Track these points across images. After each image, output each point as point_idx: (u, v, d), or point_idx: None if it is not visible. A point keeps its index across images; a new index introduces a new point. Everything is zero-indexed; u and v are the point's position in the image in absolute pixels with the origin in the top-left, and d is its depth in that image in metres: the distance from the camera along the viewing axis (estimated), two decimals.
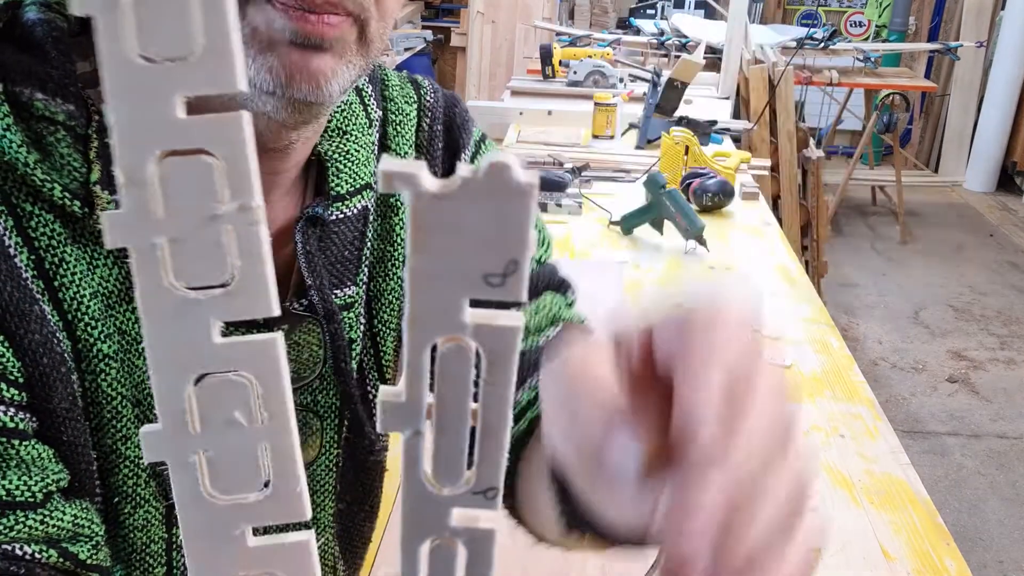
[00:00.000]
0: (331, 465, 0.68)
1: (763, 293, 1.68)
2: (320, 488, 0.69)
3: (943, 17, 6.01)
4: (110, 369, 0.53)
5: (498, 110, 3.08)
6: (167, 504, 0.57)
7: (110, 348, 0.53)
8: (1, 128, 0.48)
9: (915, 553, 0.99)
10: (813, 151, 3.40)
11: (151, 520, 0.58)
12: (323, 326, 0.62)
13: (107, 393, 0.54)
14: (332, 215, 0.61)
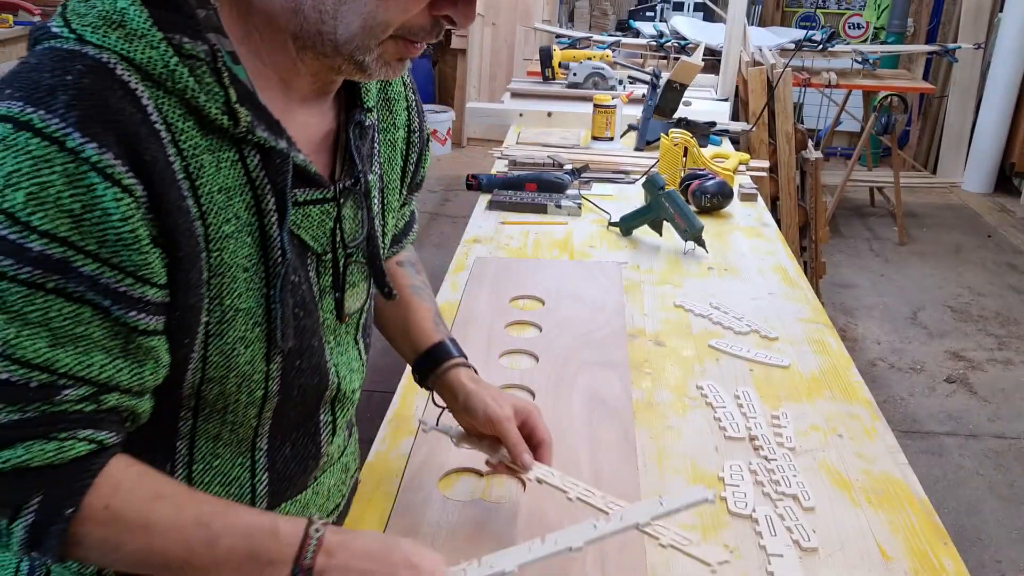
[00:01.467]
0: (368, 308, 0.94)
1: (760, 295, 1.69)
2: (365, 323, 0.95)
3: (941, 19, 6.02)
4: (229, 244, 0.72)
5: (498, 112, 3.09)
6: (267, 344, 0.77)
7: (229, 229, 0.71)
8: (172, 65, 0.66)
9: (913, 553, 1.00)
10: (811, 152, 3.40)
11: (255, 355, 0.77)
12: (363, 201, 0.84)
13: (227, 263, 0.72)
14: (366, 122, 0.85)
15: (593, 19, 6.68)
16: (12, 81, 0.63)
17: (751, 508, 1.06)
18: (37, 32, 0.68)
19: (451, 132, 6.03)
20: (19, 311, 0.62)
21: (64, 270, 0.62)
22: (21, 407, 0.63)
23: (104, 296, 0.64)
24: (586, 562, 0.95)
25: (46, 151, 0.61)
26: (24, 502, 0.65)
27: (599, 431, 1.19)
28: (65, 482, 0.66)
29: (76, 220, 0.62)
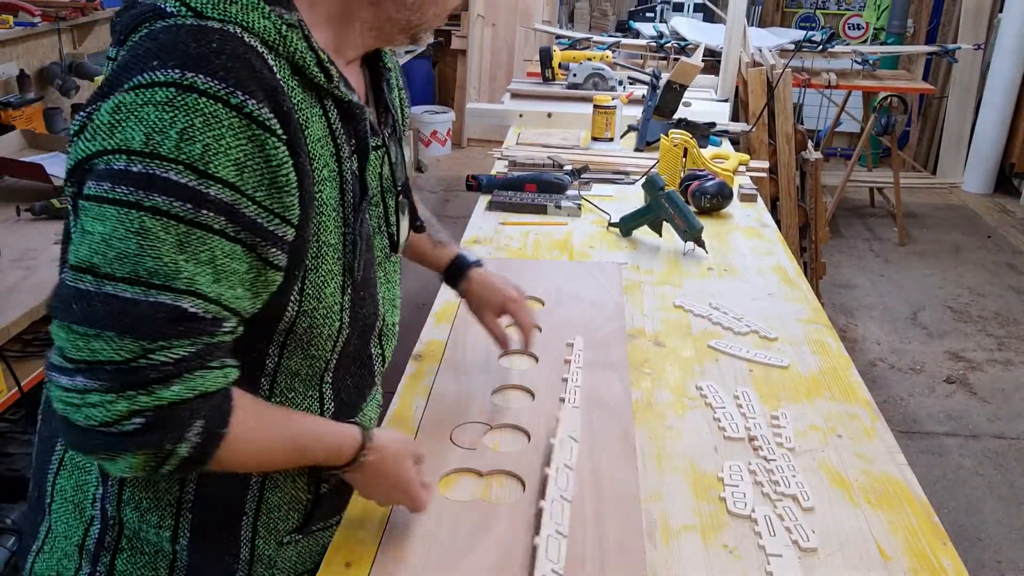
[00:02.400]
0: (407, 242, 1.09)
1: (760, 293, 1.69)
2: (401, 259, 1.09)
3: (941, 19, 6.02)
4: (325, 188, 0.82)
5: (498, 112, 3.09)
6: (343, 276, 0.87)
7: (325, 173, 0.82)
8: (284, 31, 0.77)
9: (912, 552, 1.00)
10: (811, 153, 3.41)
11: (336, 287, 0.87)
12: (400, 145, 0.98)
13: (325, 203, 0.82)
14: (391, 79, 1.00)
15: (593, 20, 6.68)
16: (156, 54, 0.72)
17: (750, 508, 1.06)
18: (148, 12, 0.76)
19: (451, 133, 6.03)
20: (195, 251, 0.71)
21: (230, 212, 0.72)
22: (193, 340, 0.72)
23: (256, 234, 0.75)
24: (586, 562, 0.95)
25: (214, 108, 0.71)
26: (189, 428, 0.72)
27: (599, 431, 1.19)
28: (219, 407, 0.75)
29: (241, 168, 0.72)
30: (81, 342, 0.69)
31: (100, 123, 0.72)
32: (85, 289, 0.69)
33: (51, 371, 0.72)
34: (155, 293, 0.69)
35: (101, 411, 0.69)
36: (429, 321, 1.55)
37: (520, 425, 1.21)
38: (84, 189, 0.72)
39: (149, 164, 0.69)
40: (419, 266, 1.39)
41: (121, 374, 0.69)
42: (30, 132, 2.65)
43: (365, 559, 0.96)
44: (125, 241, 0.69)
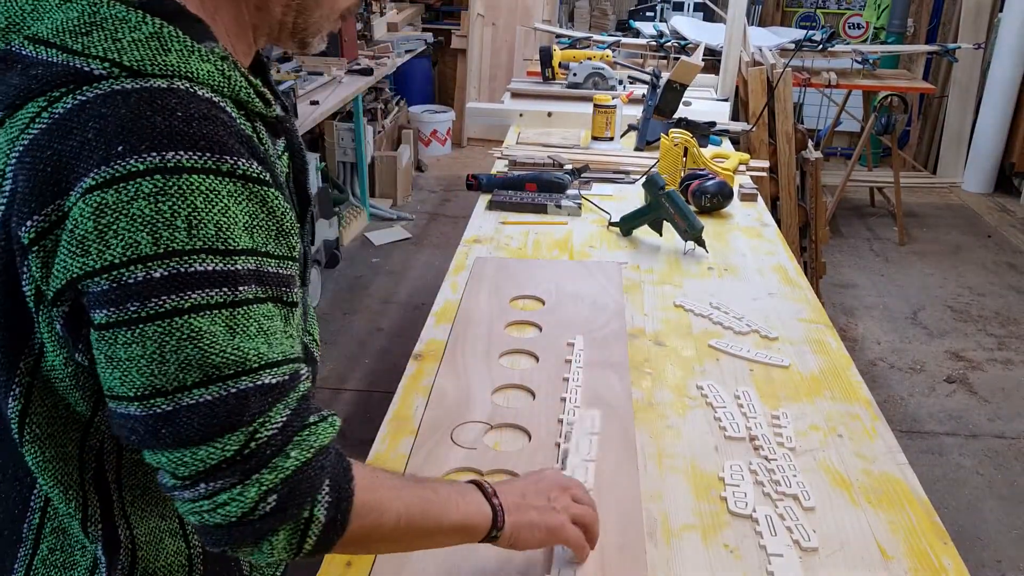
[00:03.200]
0: None
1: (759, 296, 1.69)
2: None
3: (941, 19, 6.02)
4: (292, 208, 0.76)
5: (498, 112, 3.09)
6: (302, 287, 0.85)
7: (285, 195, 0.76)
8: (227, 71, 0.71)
9: (913, 552, 1.00)
10: (811, 152, 3.40)
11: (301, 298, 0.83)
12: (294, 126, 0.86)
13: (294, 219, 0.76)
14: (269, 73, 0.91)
15: (593, 19, 6.68)
16: (116, 136, 0.63)
17: (751, 508, 1.06)
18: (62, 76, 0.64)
19: (451, 132, 6.03)
20: (244, 328, 0.67)
21: (258, 277, 0.69)
22: (285, 403, 0.69)
23: (279, 286, 0.72)
24: (586, 562, 0.95)
25: (209, 182, 0.65)
26: (320, 488, 0.70)
27: (600, 431, 1.19)
28: (339, 460, 0.73)
29: (251, 230, 0.68)
30: (188, 458, 0.66)
31: (85, 232, 0.63)
32: (163, 412, 0.65)
33: (172, 492, 0.69)
34: (234, 383, 0.66)
35: (236, 506, 0.67)
36: (429, 321, 1.54)
37: (520, 425, 1.21)
38: (95, 317, 0.65)
39: (170, 265, 0.64)
40: (416, 267, 1.37)
41: (239, 465, 0.67)
42: None
43: (365, 559, 0.96)
44: (180, 351, 0.64)
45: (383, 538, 0.77)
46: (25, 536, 0.78)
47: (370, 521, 0.74)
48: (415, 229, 4.66)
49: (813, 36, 4.51)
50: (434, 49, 5.94)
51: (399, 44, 5.04)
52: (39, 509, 0.78)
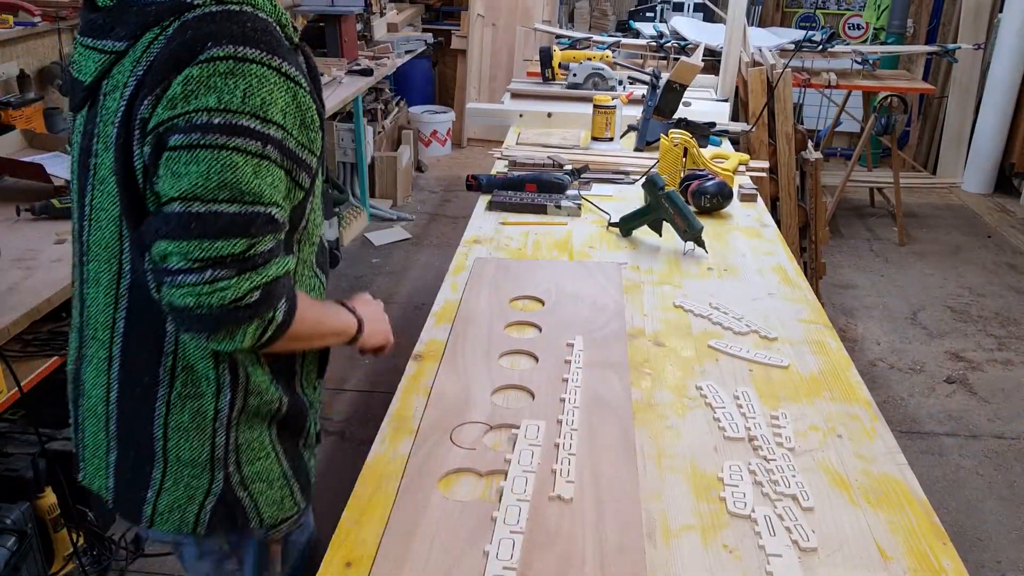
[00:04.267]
0: None
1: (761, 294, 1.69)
2: None
3: (941, 19, 6.02)
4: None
5: (498, 112, 3.09)
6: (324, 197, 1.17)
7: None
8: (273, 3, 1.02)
9: (912, 553, 1.00)
10: (811, 153, 3.41)
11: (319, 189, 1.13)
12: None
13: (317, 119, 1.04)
14: None
15: (593, 20, 6.68)
16: (209, 36, 0.93)
17: (750, 508, 1.06)
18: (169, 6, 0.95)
19: (451, 133, 6.03)
20: (264, 175, 0.95)
21: (281, 147, 0.97)
22: (274, 236, 0.98)
23: (294, 162, 1.00)
24: (586, 562, 0.95)
25: (262, 71, 0.94)
26: (280, 299, 0.98)
27: (599, 431, 1.19)
28: (290, 287, 1.02)
29: (285, 113, 0.97)
30: (206, 245, 0.92)
31: (174, 94, 0.92)
32: (197, 211, 0.92)
33: (174, 275, 0.93)
34: (251, 208, 0.94)
35: (232, 291, 0.93)
36: (429, 321, 1.55)
37: (520, 425, 1.21)
38: (169, 141, 0.92)
39: (226, 116, 0.92)
40: (416, 268, 1.43)
41: (239, 262, 0.94)
42: (30, 132, 2.65)
43: (365, 559, 0.96)
44: (222, 174, 0.92)
45: (298, 337, 1.05)
46: (162, 378, 1.05)
47: (297, 328, 1.02)
48: (415, 229, 4.66)
49: (813, 37, 4.51)
50: (434, 49, 5.94)
51: (399, 44, 5.05)
52: (171, 353, 1.05)
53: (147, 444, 1.07)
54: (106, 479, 1.12)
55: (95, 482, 1.15)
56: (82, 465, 1.17)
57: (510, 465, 1.11)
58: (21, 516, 1.89)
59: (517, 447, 1.15)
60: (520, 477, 1.08)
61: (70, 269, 1.17)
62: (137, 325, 1.04)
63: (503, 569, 0.93)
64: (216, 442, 1.08)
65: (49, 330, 1.93)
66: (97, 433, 1.12)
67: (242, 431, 1.10)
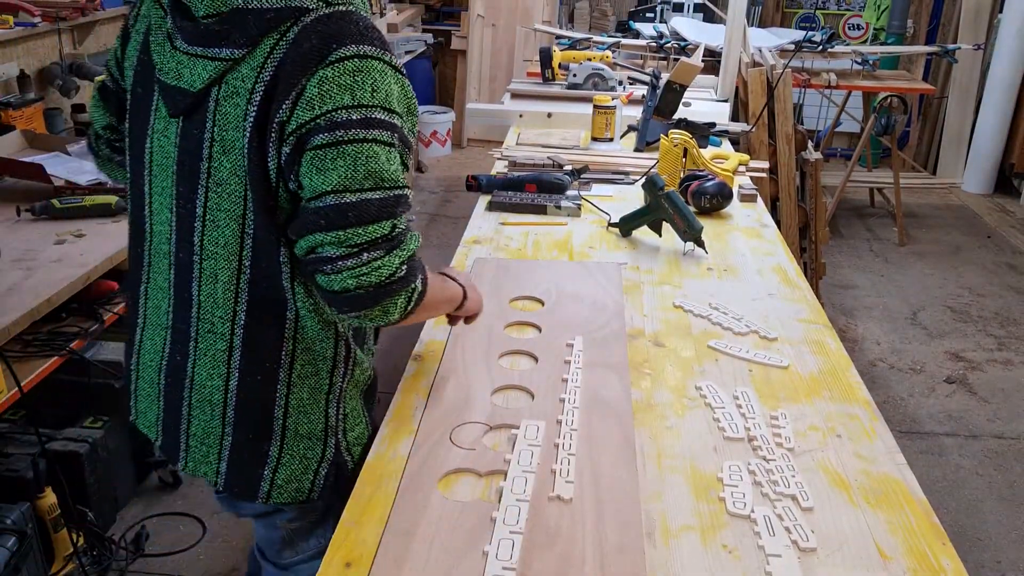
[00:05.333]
0: None
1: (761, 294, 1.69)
2: None
3: (941, 20, 6.02)
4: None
5: (498, 113, 3.09)
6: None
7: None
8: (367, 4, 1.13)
9: (911, 553, 1.00)
10: (811, 153, 3.41)
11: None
12: None
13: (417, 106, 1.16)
14: None
15: (593, 20, 6.68)
16: (332, 38, 1.02)
17: (750, 508, 1.06)
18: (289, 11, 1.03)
19: (451, 133, 6.03)
20: (393, 160, 1.05)
21: (400, 133, 1.06)
22: (406, 214, 1.07)
23: (405, 146, 1.09)
24: (586, 562, 0.95)
25: (381, 67, 1.04)
26: (420, 270, 1.11)
27: (598, 432, 1.20)
28: (420, 259, 1.12)
29: (399, 102, 1.06)
30: (360, 231, 1.03)
31: (311, 96, 1.01)
32: (350, 201, 1.02)
33: (333, 262, 1.03)
34: (391, 191, 1.05)
35: (386, 269, 1.05)
36: (429, 321, 1.55)
37: (520, 425, 1.21)
38: (313, 141, 1.01)
39: (362, 112, 1.02)
40: None
41: (388, 242, 1.05)
42: (30, 132, 2.65)
43: (365, 559, 0.96)
44: (365, 165, 1.02)
45: (427, 307, 1.15)
46: (283, 361, 1.15)
47: (428, 296, 1.13)
48: (416, 230, 4.66)
49: (813, 37, 4.51)
50: (434, 50, 5.95)
51: (399, 45, 5.04)
52: (291, 338, 1.14)
53: (267, 424, 1.16)
54: (217, 463, 1.19)
55: (201, 468, 1.20)
56: (183, 455, 1.21)
57: (510, 465, 1.11)
58: (21, 516, 1.89)
59: (517, 447, 1.15)
60: (520, 477, 1.09)
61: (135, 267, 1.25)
62: (258, 316, 1.12)
63: (503, 569, 0.93)
64: (329, 413, 1.20)
65: (49, 330, 1.93)
66: (210, 421, 1.18)
67: (347, 401, 1.23)
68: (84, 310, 2.01)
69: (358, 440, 1.25)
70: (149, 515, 2.40)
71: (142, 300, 1.23)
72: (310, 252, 1.05)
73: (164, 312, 1.18)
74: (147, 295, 1.22)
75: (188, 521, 2.39)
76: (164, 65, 1.09)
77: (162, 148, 1.12)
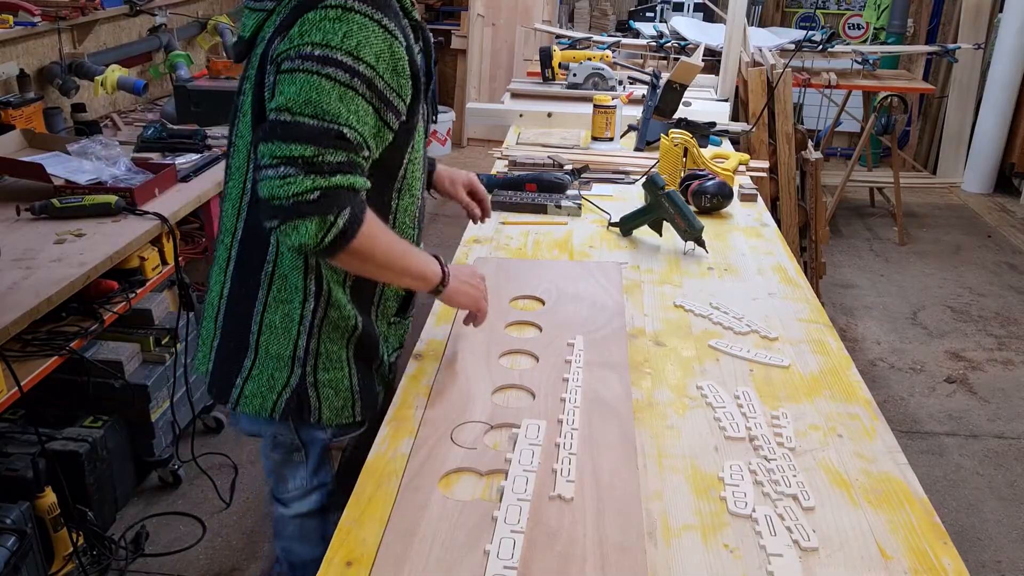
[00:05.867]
0: None
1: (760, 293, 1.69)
2: None
3: (941, 19, 6.02)
4: (418, 78, 1.25)
5: (498, 112, 3.09)
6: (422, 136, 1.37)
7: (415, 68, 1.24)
8: None
9: (912, 552, 1.00)
10: (811, 153, 3.41)
11: (421, 143, 1.35)
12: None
13: (418, 88, 1.25)
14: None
15: (593, 20, 6.68)
16: None
17: (751, 508, 1.06)
18: None
19: (451, 132, 6.03)
20: (347, 103, 1.14)
21: (370, 83, 1.15)
22: (346, 152, 1.14)
23: (382, 101, 1.18)
24: (586, 562, 0.95)
25: (363, 20, 1.14)
26: (344, 208, 1.14)
27: (599, 431, 1.19)
28: (360, 204, 1.17)
29: (378, 57, 1.16)
30: (283, 146, 1.12)
31: (292, 33, 1.15)
32: (284, 120, 1.13)
33: (262, 170, 1.13)
34: (326, 124, 1.13)
35: (296, 186, 1.11)
36: (429, 321, 1.55)
37: (520, 425, 1.21)
38: (282, 67, 1.15)
39: (324, 50, 1.13)
40: None
41: (307, 164, 1.12)
42: (30, 132, 2.64)
43: (365, 559, 0.96)
44: (309, 94, 1.12)
45: (368, 258, 1.20)
46: (262, 282, 1.29)
47: (366, 245, 1.17)
48: None
49: (813, 37, 4.51)
50: (435, 49, 5.93)
51: None
52: (271, 262, 1.27)
53: (244, 336, 1.32)
54: (208, 363, 1.38)
55: (201, 366, 1.41)
56: (196, 355, 1.45)
57: (510, 465, 1.11)
58: (21, 516, 1.89)
59: (517, 447, 1.15)
60: (520, 476, 1.08)
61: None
62: (251, 234, 1.28)
63: (504, 568, 0.93)
64: (298, 343, 1.30)
65: (49, 330, 1.93)
66: (209, 323, 1.37)
67: (323, 341, 1.31)
68: (84, 310, 2.01)
69: (331, 385, 1.33)
70: (149, 515, 2.40)
71: None
72: (258, 160, 1.16)
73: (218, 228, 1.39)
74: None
75: (188, 521, 2.39)
76: (242, 20, 1.32)
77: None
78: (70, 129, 2.99)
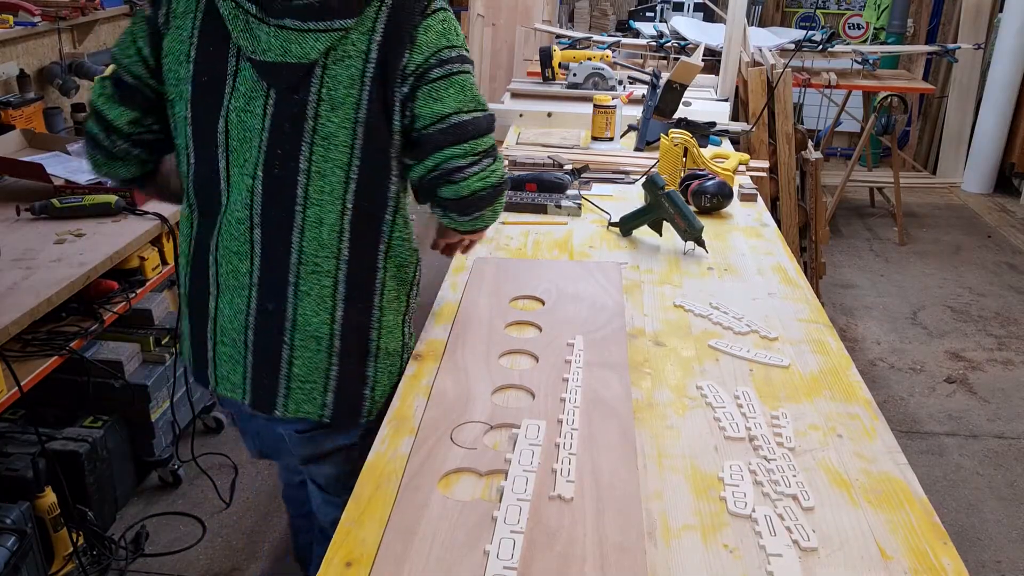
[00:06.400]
0: None
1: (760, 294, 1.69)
2: None
3: (941, 19, 6.02)
4: None
5: (498, 112, 3.08)
6: None
7: None
8: None
9: (912, 552, 1.00)
10: (811, 153, 3.41)
11: None
12: None
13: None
14: None
15: (593, 19, 6.68)
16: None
17: (751, 508, 1.06)
18: None
19: None
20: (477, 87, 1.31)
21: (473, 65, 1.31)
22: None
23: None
24: (586, 562, 0.95)
25: (452, 15, 1.29)
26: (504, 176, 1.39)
27: (599, 431, 1.19)
28: None
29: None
30: (480, 142, 1.28)
31: (421, 43, 1.23)
32: (466, 120, 1.26)
33: (464, 170, 1.28)
34: (486, 112, 1.30)
35: (500, 171, 1.33)
36: (429, 321, 1.55)
37: (520, 424, 1.21)
38: (429, 76, 1.24)
39: (456, 51, 1.26)
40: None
41: (494, 151, 1.32)
42: (30, 132, 2.65)
43: (365, 559, 0.96)
44: (470, 92, 1.28)
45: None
46: (376, 288, 1.34)
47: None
48: (415, 229, 4.66)
49: (813, 36, 4.51)
50: None
51: None
52: (382, 267, 1.34)
53: (366, 347, 1.35)
54: (323, 397, 1.34)
55: (304, 407, 1.34)
56: (282, 400, 1.34)
57: (510, 465, 1.11)
58: (21, 516, 1.89)
59: (517, 447, 1.15)
60: (520, 477, 1.08)
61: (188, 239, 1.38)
62: (358, 251, 1.30)
63: (503, 569, 0.93)
64: (405, 332, 1.41)
65: (49, 330, 1.93)
66: (315, 356, 1.32)
67: (412, 320, 1.43)
68: (84, 310, 2.01)
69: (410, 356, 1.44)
70: (149, 515, 2.40)
71: (212, 270, 1.33)
72: (435, 168, 1.28)
73: (244, 273, 1.31)
74: (217, 263, 1.32)
75: (188, 521, 2.39)
76: (260, 46, 1.22)
77: (243, 123, 1.25)
78: (70, 129, 2.99)
